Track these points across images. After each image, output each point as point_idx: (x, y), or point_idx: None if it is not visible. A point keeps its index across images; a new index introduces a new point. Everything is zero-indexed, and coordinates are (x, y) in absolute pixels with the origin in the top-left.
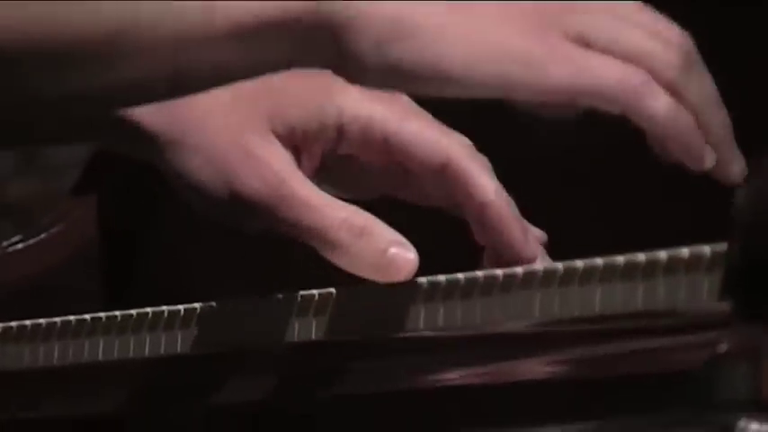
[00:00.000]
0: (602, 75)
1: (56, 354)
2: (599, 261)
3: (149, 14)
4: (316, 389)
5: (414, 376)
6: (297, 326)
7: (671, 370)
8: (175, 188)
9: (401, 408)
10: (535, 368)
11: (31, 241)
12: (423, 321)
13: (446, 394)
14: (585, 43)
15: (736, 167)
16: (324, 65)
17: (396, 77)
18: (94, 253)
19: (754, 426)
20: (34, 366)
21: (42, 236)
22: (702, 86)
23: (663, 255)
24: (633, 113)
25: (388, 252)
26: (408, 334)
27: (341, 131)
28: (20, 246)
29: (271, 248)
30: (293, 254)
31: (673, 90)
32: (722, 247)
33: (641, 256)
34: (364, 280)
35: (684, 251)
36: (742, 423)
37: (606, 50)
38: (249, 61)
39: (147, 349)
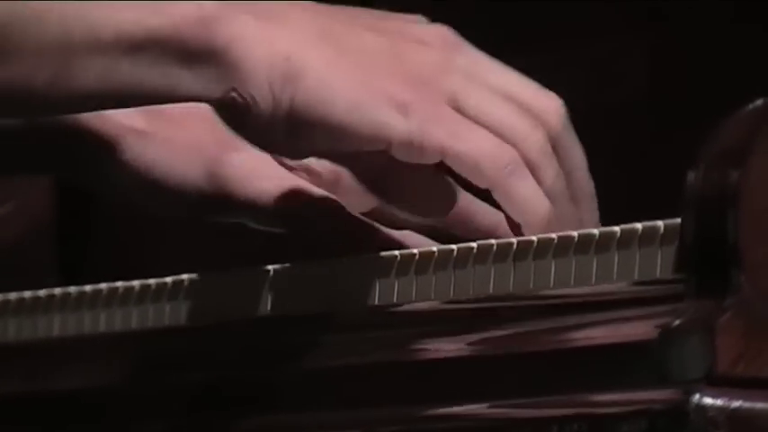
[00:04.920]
0: (476, 146)
1: (10, 330)
2: (553, 236)
3: (35, 12)
4: (272, 363)
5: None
6: (254, 300)
7: (625, 345)
8: (135, 188)
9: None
10: (489, 341)
11: None
12: (378, 296)
13: (404, 368)
14: (457, 107)
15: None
16: (215, 99)
17: (285, 120)
18: (50, 229)
19: (708, 400)
20: None
21: None
22: (569, 158)
23: (617, 230)
24: (496, 190)
25: None
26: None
27: None
28: None
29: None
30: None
31: (534, 169)
32: (676, 222)
33: (595, 231)
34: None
35: (638, 226)
36: (696, 398)
37: (476, 119)
38: (133, 77)
39: (102, 325)
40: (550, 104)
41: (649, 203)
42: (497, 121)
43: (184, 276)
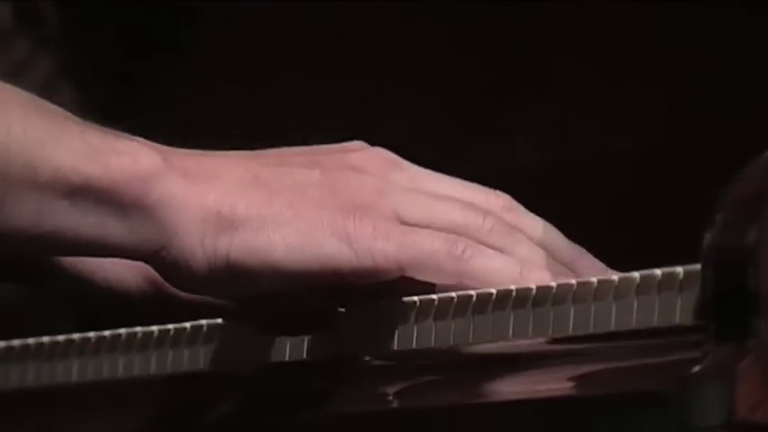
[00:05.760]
0: (426, 246)
1: (30, 375)
2: (572, 282)
3: None
4: (299, 409)
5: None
6: (274, 346)
7: (644, 391)
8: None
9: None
10: (507, 388)
11: None
12: (415, 340)
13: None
14: (402, 220)
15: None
16: (147, 255)
17: (224, 272)
18: None
19: None
20: (7, 388)
21: None
22: (536, 237)
23: (636, 275)
24: (464, 278)
25: None
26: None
27: None
28: None
29: None
30: None
31: (500, 249)
32: (695, 268)
33: (615, 277)
34: None
35: (657, 272)
36: None
37: (422, 225)
38: (67, 222)
39: (120, 370)
40: (497, 201)
41: (668, 250)
42: (445, 218)
43: (203, 322)
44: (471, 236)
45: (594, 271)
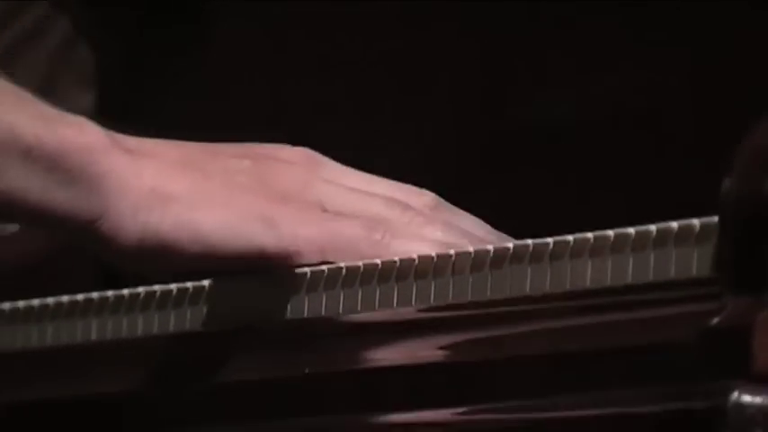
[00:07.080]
0: (347, 231)
1: (49, 334)
2: (589, 235)
3: None
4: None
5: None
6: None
7: (662, 343)
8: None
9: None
10: (525, 341)
11: None
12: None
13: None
14: (325, 210)
15: None
16: (84, 224)
17: (153, 245)
18: None
19: (747, 398)
20: (27, 347)
21: None
22: (459, 226)
23: (652, 228)
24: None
25: None
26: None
27: None
28: (14, 228)
29: None
30: None
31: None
32: (712, 220)
33: (631, 230)
34: None
35: (674, 225)
36: (734, 395)
37: (344, 214)
38: (20, 183)
39: (139, 329)
40: (420, 198)
41: (687, 205)
42: (366, 209)
43: (220, 279)
44: (390, 226)
45: None
